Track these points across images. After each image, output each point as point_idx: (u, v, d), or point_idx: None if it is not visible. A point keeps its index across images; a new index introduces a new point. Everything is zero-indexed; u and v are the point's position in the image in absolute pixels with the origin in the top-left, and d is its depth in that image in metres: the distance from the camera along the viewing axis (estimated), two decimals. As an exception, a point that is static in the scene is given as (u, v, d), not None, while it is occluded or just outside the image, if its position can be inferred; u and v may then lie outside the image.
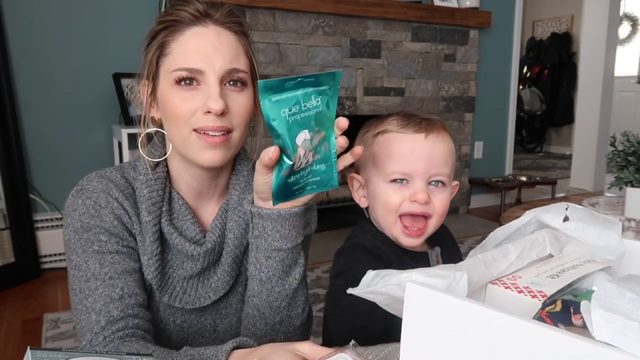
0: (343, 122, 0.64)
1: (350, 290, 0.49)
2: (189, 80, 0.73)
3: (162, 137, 0.84)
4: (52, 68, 2.61)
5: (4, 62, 2.44)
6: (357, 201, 0.90)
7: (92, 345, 0.70)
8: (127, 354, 0.53)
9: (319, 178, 0.64)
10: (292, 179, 0.63)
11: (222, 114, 0.73)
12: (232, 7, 0.79)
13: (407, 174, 0.81)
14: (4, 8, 2.46)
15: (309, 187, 0.65)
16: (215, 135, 0.74)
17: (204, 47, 0.73)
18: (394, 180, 0.82)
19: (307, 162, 0.62)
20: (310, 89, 0.58)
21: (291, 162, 0.61)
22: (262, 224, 0.75)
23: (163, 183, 0.81)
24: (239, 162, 0.87)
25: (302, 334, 0.84)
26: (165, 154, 0.82)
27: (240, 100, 0.76)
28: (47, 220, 2.64)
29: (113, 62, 2.61)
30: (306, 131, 0.60)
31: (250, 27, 0.84)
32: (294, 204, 0.73)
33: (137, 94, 0.84)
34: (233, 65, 0.74)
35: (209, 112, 0.72)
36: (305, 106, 0.58)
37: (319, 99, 0.59)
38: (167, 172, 0.83)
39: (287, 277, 0.78)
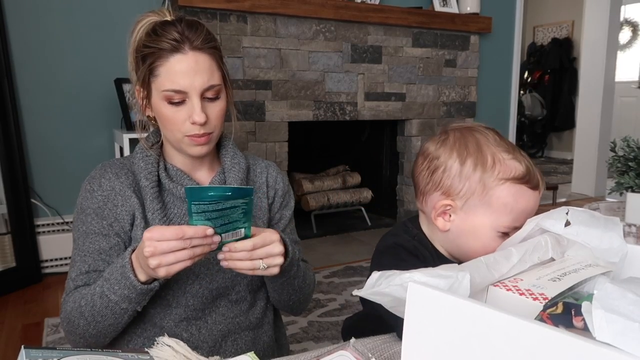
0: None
1: (355, 292, 0.49)
2: (176, 98, 0.91)
3: (157, 127, 1.02)
4: (54, 73, 2.62)
5: (7, 66, 2.45)
6: (433, 220, 0.86)
7: (65, 301, 0.93)
8: (123, 352, 0.54)
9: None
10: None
11: (204, 122, 0.92)
12: (206, 30, 0.93)
13: (516, 229, 0.79)
14: (6, 13, 2.48)
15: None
16: (201, 138, 0.94)
17: (185, 72, 0.90)
18: (505, 233, 0.81)
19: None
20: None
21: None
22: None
23: (157, 158, 0.99)
24: (224, 139, 1.07)
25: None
26: (158, 141, 1.02)
27: (216, 108, 0.94)
28: (48, 225, 2.65)
29: (115, 68, 2.61)
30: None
31: (221, 46, 0.98)
32: None
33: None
34: (210, 83, 0.91)
35: (194, 122, 0.91)
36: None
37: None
38: (161, 152, 1.01)
39: (290, 286, 0.98)
